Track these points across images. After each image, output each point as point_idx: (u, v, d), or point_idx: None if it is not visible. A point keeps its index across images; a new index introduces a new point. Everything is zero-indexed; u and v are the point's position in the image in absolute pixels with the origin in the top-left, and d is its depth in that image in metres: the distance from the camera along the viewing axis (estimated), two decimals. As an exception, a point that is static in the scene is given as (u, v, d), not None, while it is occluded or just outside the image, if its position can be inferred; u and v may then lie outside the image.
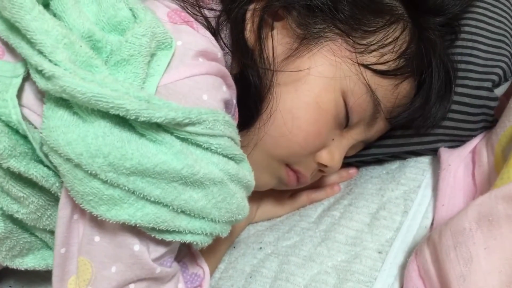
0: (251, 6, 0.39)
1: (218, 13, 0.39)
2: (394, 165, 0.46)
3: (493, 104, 0.42)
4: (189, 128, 0.31)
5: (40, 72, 0.29)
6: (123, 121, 0.30)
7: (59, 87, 0.28)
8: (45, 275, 0.39)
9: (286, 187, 0.42)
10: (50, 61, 0.29)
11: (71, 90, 0.28)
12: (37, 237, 0.36)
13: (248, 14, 0.39)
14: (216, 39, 0.38)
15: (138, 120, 0.29)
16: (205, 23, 0.38)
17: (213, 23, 0.39)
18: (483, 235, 0.32)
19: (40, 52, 0.29)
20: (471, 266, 0.32)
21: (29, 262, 0.37)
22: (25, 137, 0.31)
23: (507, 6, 0.46)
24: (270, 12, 0.39)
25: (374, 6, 0.39)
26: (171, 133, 0.31)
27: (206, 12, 0.39)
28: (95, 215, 0.31)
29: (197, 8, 0.37)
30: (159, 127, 0.30)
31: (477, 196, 0.40)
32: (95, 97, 0.28)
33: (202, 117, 0.31)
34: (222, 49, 0.38)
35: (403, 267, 0.37)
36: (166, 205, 0.31)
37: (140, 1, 0.37)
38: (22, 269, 0.37)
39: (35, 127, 0.32)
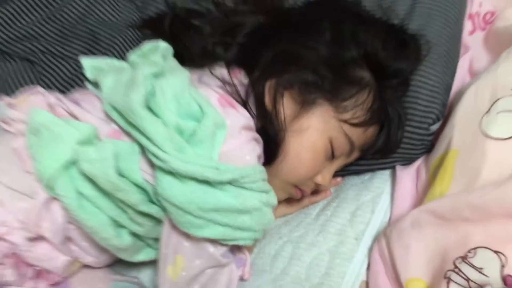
0: (268, 83, 0.59)
1: (245, 87, 0.59)
2: (367, 176, 0.67)
3: (430, 138, 0.63)
4: (240, 181, 0.52)
5: (154, 155, 0.50)
6: (204, 181, 0.51)
7: (169, 167, 0.49)
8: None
9: (294, 198, 0.64)
10: (161, 150, 0.49)
11: (177, 169, 0.49)
12: (146, 242, 0.58)
13: (266, 88, 0.59)
14: (245, 107, 0.58)
15: (214, 179, 0.50)
16: (241, 99, 0.58)
17: (242, 91, 0.59)
18: (414, 233, 0.54)
19: (155, 144, 0.50)
20: (408, 251, 0.54)
21: (140, 257, 0.59)
22: (144, 190, 0.52)
23: (442, 62, 0.66)
24: (280, 84, 0.59)
25: (349, 79, 0.59)
26: (230, 184, 0.52)
27: (237, 84, 0.59)
28: (186, 232, 0.52)
29: (235, 93, 0.57)
30: (227, 183, 0.51)
31: (417, 201, 0.62)
32: (190, 172, 0.49)
33: (247, 173, 0.52)
34: (249, 113, 0.58)
35: (371, 249, 0.60)
36: (229, 226, 0.53)
37: (197, 86, 0.57)
38: (135, 261, 0.59)
39: (148, 182, 0.53)
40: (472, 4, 0.74)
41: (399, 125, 0.63)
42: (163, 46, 0.61)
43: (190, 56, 0.66)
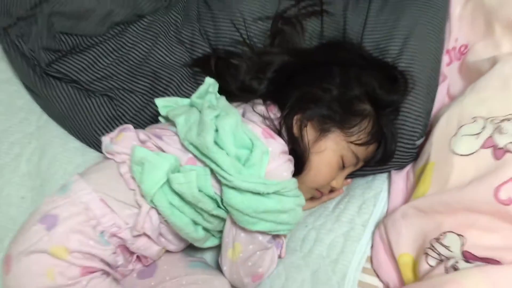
0: (295, 117, 0.81)
1: (279, 119, 0.81)
2: (370, 178, 0.90)
3: (415, 150, 0.85)
4: (281, 191, 0.75)
5: (222, 176, 0.72)
6: (256, 193, 0.73)
7: (232, 184, 0.72)
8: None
9: (316, 197, 0.87)
10: (227, 173, 0.72)
11: (238, 186, 0.71)
12: (212, 234, 0.81)
13: (294, 121, 0.81)
14: (280, 136, 0.80)
15: (262, 191, 0.73)
16: (276, 129, 0.80)
17: (276, 123, 0.81)
18: (404, 222, 0.77)
19: (222, 169, 0.72)
20: (399, 234, 0.77)
21: (207, 244, 0.82)
22: (215, 200, 0.75)
23: (425, 91, 0.88)
24: (304, 117, 0.81)
25: (354, 112, 0.81)
26: (274, 193, 0.75)
27: (273, 118, 0.81)
28: (243, 227, 0.75)
29: (272, 126, 0.80)
30: (272, 193, 0.74)
31: (407, 198, 0.85)
32: (246, 187, 0.72)
33: (285, 185, 0.75)
34: (283, 140, 0.80)
35: (373, 233, 0.83)
36: (273, 222, 0.75)
37: (245, 122, 0.79)
38: (203, 247, 0.83)
39: (217, 194, 0.75)
40: (449, 40, 0.95)
41: (392, 141, 0.85)
42: (211, 82, 0.83)
43: (231, 90, 0.88)
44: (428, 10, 0.94)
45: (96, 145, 0.97)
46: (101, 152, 0.82)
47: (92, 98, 0.97)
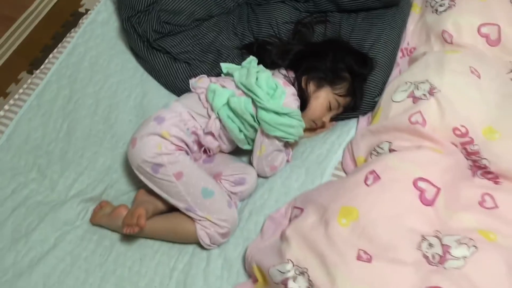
0: (303, 77, 1.38)
1: (293, 78, 1.38)
2: (345, 121, 1.46)
3: (375, 102, 1.41)
4: (290, 114, 1.31)
5: (258, 102, 1.29)
6: (277, 113, 1.30)
7: (264, 106, 1.28)
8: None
9: (313, 127, 1.43)
10: (262, 100, 1.29)
11: (267, 107, 1.27)
12: (248, 141, 1.37)
13: (302, 79, 1.38)
14: (293, 86, 1.37)
15: (280, 112, 1.29)
16: (292, 82, 1.37)
17: (292, 79, 1.38)
18: (361, 139, 1.32)
19: (259, 98, 1.29)
20: (358, 146, 1.32)
21: (246, 147, 1.38)
22: (253, 115, 1.31)
23: (383, 70, 1.45)
24: (308, 78, 1.38)
25: (338, 77, 1.37)
26: (287, 115, 1.31)
27: (290, 77, 1.39)
28: (267, 134, 1.31)
29: (289, 81, 1.37)
30: (285, 114, 1.30)
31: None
32: (272, 108, 1.27)
33: (294, 111, 1.31)
34: (295, 88, 1.37)
35: (344, 149, 1.38)
36: (286, 132, 1.31)
37: (274, 76, 1.36)
38: (244, 149, 1.39)
39: (254, 113, 1.32)
40: (404, 43, 1.52)
41: (361, 96, 1.41)
42: (253, 58, 1.41)
43: (266, 64, 1.46)
44: (392, 24, 1.52)
45: (177, 93, 1.55)
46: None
47: (178, 63, 1.56)
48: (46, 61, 1.69)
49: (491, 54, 1.38)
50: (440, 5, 1.48)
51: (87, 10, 1.84)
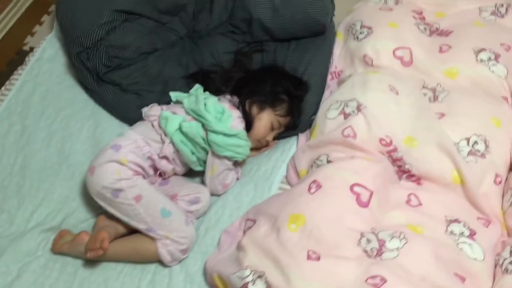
0: (247, 101, 1.52)
1: (238, 103, 1.52)
2: (286, 139, 1.61)
3: (311, 120, 1.58)
4: (238, 135, 1.45)
5: (208, 126, 1.42)
6: (225, 134, 1.43)
7: (213, 129, 1.41)
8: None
9: (257, 147, 1.58)
10: (211, 123, 1.41)
11: (216, 130, 1.40)
12: (200, 162, 1.49)
13: (246, 103, 1.52)
14: (238, 109, 1.51)
15: (228, 133, 1.42)
16: (237, 106, 1.51)
17: (236, 104, 1.52)
18: (302, 153, 1.48)
19: (208, 122, 1.41)
20: (299, 160, 1.48)
21: (198, 168, 1.50)
22: (203, 139, 1.44)
23: (316, 92, 1.62)
24: (251, 101, 1.53)
25: (278, 99, 1.53)
26: (234, 136, 1.44)
27: (235, 102, 1.52)
28: (218, 155, 1.44)
29: (235, 104, 1.51)
30: (233, 135, 1.43)
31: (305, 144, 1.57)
32: (220, 131, 1.41)
33: (240, 132, 1.45)
34: (240, 111, 1.51)
35: (287, 164, 1.53)
36: (234, 152, 1.44)
37: (220, 101, 1.49)
38: (196, 170, 1.50)
39: (205, 136, 1.44)
40: (332, 67, 1.71)
41: (299, 115, 1.58)
42: (198, 86, 1.54)
43: (211, 91, 1.59)
44: (321, 49, 1.71)
45: (129, 122, 1.64)
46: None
47: (128, 94, 1.66)
48: (-6, 99, 1.73)
49: (406, 73, 1.59)
50: (360, 33, 1.68)
51: (31, 48, 1.89)
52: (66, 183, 1.54)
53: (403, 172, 1.40)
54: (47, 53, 1.82)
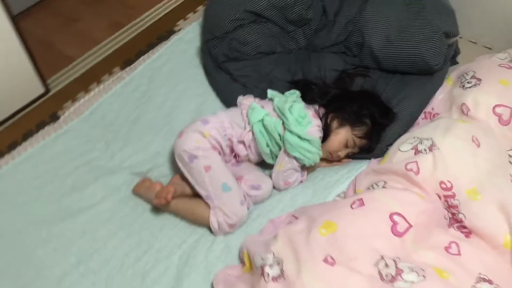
0: (330, 115, 1.63)
1: (322, 114, 1.64)
2: (359, 161, 1.68)
3: (386, 149, 1.63)
4: (311, 141, 1.56)
5: (287, 125, 1.56)
6: (300, 137, 1.55)
7: (291, 130, 1.54)
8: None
9: (329, 159, 1.67)
10: (290, 124, 1.55)
11: (293, 131, 1.53)
12: (273, 156, 1.64)
13: (329, 116, 1.63)
14: (321, 120, 1.62)
15: (302, 137, 1.55)
16: (320, 116, 1.62)
17: (321, 114, 1.64)
18: (365, 176, 1.54)
19: (289, 122, 1.55)
20: (357, 181, 1.54)
21: (269, 161, 1.65)
22: (280, 135, 1.58)
23: (401, 124, 1.66)
24: (334, 116, 1.63)
25: (360, 121, 1.61)
26: (308, 141, 1.56)
27: (320, 112, 1.64)
28: (288, 153, 1.57)
29: (318, 115, 1.62)
30: (307, 140, 1.56)
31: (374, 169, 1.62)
32: (297, 133, 1.53)
33: (315, 140, 1.56)
34: (321, 121, 1.62)
35: (350, 182, 1.60)
36: (304, 155, 1.56)
37: (306, 108, 1.63)
38: (268, 163, 1.65)
39: (282, 133, 1.58)
40: (428, 108, 1.72)
41: (377, 142, 1.63)
42: (296, 92, 1.69)
43: (306, 99, 1.72)
44: (422, 88, 1.74)
45: (228, 106, 1.85)
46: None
47: (236, 84, 1.87)
48: (136, 62, 2.08)
49: (500, 131, 1.55)
50: (468, 82, 1.68)
51: (179, 30, 2.21)
52: (162, 141, 1.80)
53: (456, 221, 1.38)
54: (188, 35, 2.13)
